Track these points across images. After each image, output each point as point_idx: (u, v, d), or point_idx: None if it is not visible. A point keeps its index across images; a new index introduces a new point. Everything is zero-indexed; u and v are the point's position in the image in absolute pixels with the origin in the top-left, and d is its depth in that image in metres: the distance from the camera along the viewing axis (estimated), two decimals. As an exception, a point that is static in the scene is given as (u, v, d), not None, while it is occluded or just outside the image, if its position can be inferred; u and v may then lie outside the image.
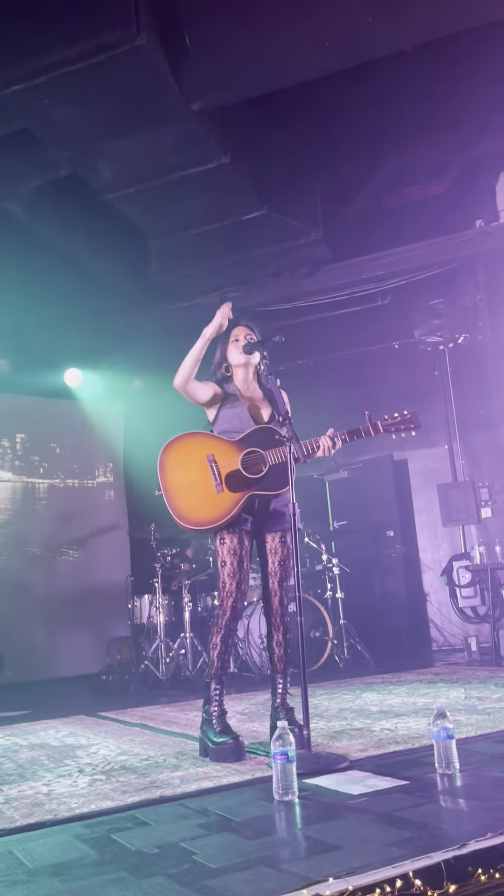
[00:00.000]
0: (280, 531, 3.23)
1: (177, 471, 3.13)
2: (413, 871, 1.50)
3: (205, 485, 3.07)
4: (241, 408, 3.26)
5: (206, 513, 3.05)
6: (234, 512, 3.05)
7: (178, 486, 3.10)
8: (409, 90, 5.65)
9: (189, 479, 3.10)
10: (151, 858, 1.81)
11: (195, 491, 3.07)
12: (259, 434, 3.18)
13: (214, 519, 3.05)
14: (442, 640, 7.65)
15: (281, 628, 3.19)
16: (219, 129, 5.16)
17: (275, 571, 3.22)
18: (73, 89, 4.44)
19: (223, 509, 3.04)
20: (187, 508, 3.06)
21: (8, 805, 2.46)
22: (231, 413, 3.24)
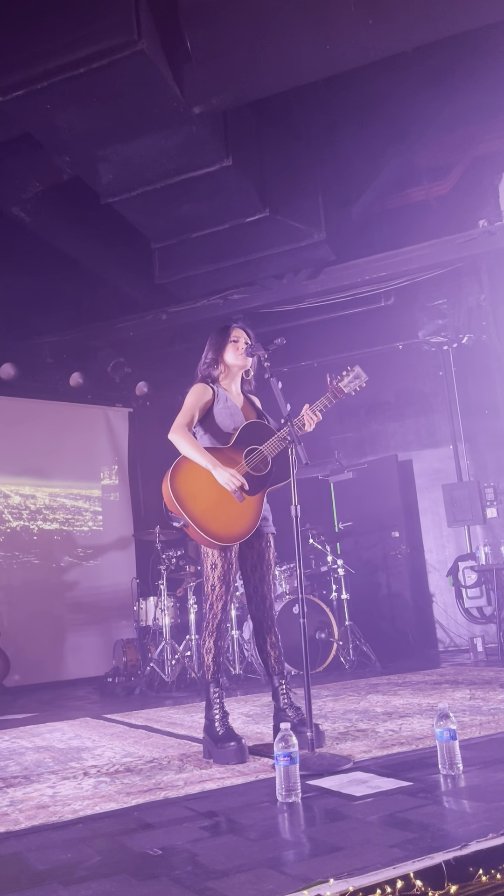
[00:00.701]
0: (266, 532, 3.24)
1: (194, 498, 3.07)
2: (414, 872, 1.50)
3: (226, 500, 3.06)
4: (234, 407, 3.28)
5: (239, 525, 3.06)
6: (261, 511, 3.11)
7: (203, 512, 3.04)
8: (412, 91, 5.66)
9: (209, 501, 3.06)
10: (155, 860, 1.82)
11: (222, 509, 3.06)
12: (250, 430, 3.20)
13: (250, 526, 3.08)
14: (448, 641, 7.63)
15: (273, 630, 3.20)
16: (221, 132, 5.18)
17: (262, 575, 3.23)
18: (75, 94, 4.47)
19: (252, 514, 3.08)
20: (222, 528, 3.04)
21: (13, 807, 2.47)
22: (224, 412, 3.25)
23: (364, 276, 6.92)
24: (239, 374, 3.38)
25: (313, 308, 7.30)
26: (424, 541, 8.00)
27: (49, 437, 8.23)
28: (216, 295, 7.15)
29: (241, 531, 3.06)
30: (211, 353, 3.33)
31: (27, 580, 7.71)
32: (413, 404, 8.20)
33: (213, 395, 3.27)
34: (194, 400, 3.25)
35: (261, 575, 3.23)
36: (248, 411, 3.33)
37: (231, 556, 3.10)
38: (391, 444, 8.24)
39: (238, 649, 6.26)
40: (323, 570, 6.73)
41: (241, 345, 3.31)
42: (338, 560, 6.67)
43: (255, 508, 3.08)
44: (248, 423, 3.22)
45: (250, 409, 3.35)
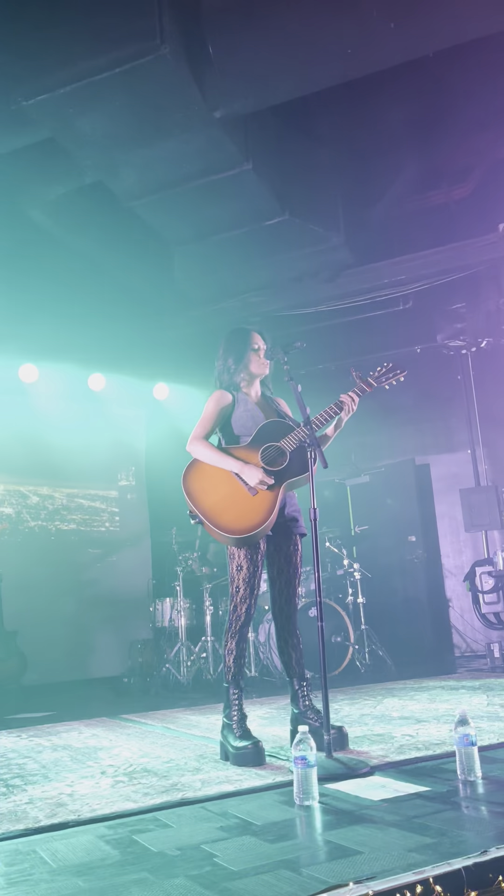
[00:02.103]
0: (294, 535, 3.24)
1: (205, 493, 3.10)
2: (433, 878, 1.51)
3: (238, 494, 3.07)
4: (255, 409, 3.29)
5: (251, 518, 3.03)
6: (277, 507, 3.06)
7: (214, 506, 3.07)
8: (432, 93, 5.65)
9: (220, 495, 3.08)
10: (173, 860, 1.83)
11: (233, 503, 3.06)
12: (267, 429, 3.20)
13: (262, 519, 3.03)
14: (464, 646, 7.59)
15: (295, 633, 3.21)
16: (241, 136, 5.20)
17: (289, 578, 3.23)
18: (98, 99, 4.51)
19: (266, 508, 3.05)
20: (233, 521, 3.04)
21: (32, 805, 2.49)
22: (246, 415, 3.26)
23: (383, 280, 6.91)
24: (258, 378, 3.39)
25: (332, 311, 7.29)
26: (441, 545, 7.97)
27: (68, 438, 8.29)
28: (235, 298, 7.17)
29: (253, 524, 3.02)
30: (232, 361, 3.33)
31: (44, 580, 7.76)
32: (431, 408, 8.17)
33: (234, 401, 3.28)
34: (213, 408, 3.26)
35: (287, 578, 3.23)
36: (268, 412, 3.33)
37: (258, 558, 3.11)
38: (408, 448, 8.21)
39: (254, 651, 6.27)
40: (339, 574, 6.72)
41: (262, 352, 3.32)
42: (354, 564, 6.66)
43: (269, 503, 3.06)
44: (267, 422, 3.23)
45: (271, 411, 3.35)
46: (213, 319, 7.30)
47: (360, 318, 7.45)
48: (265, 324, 7.23)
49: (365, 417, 8.14)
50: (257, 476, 3.04)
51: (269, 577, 3.27)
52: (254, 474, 3.05)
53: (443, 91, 5.65)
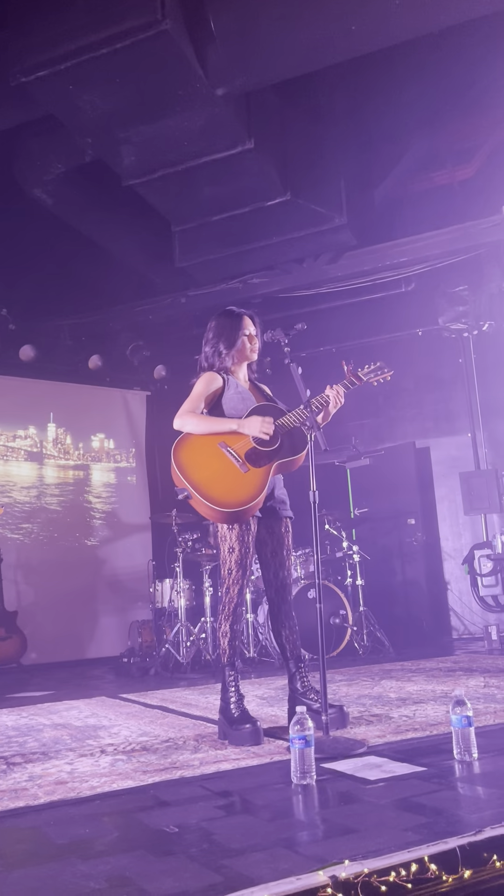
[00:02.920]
0: (284, 518, 3.25)
1: (195, 468, 3.09)
2: (428, 856, 1.52)
3: (229, 469, 3.06)
4: (245, 392, 3.28)
5: (240, 493, 3.01)
6: (268, 484, 3.05)
7: (204, 480, 3.06)
8: (437, 72, 5.58)
9: (211, 470, 3.08)
10: (171, 837, 1.85)
11: (222, 477, 3.05)
12: (259, 411, 3.19)
13: (252, 495, 3.01)
14: (462, 629, 7.63)
15: (290, 614, 3.22)
16: (243, 115, 5.14)
17: (282, 560, 3.23)
18: (98, 75, 4.45)
19: (256, 485, 3.04)
20: (222, 494, 3.02)
21: (32, 782, 2.52)
22: (237, 397, 3.25)
23: (385, 262, 6.86)
24: (246, 363, 3.38)
25: (333, 293, 7.25)
26: (440, 528, 7.98)
27: (67, 419, 8.29)
28: (236, 279, 7.13)
29: (242, 499, 3.00)
30: (223, 345, 3.29)
31: (44, 560, 7.80)
32: (432, 391, 8.15)
33: (224, 383, 3.27)
34: (203, 388, 3.24)
35: (280, 560, 3.24)
36: (257, 397, 3.33)
37: (248, 539, 3.11)
38: (409, 432, 8.21)
39: (252, 632, 6.30)
40: (338, 556, 6.74)
41: (254, 340, 3.31)
42: (353, 546, 6.68)
43: (259, 480, 3.05)
44: (259, 405, 3.23)
45: (259, 395, 3.35)
46: (214, 300, 7.26)
47: (361, 301, 7.41)
48: (266, 305, 7.21)
49: (365, 400, 8.20)
50: (259, 422, 3.03)
51: (262, 560, 3.28)
52: (254, 424, 3.05)
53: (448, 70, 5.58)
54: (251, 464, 3.07)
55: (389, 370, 3.37)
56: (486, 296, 7.31)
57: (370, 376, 3.34)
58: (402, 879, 1.46)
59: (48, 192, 5.95)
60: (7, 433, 7.90)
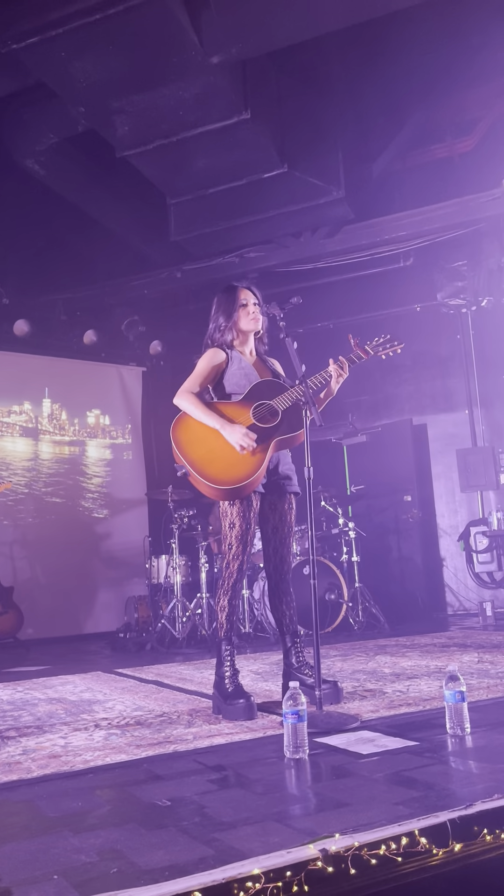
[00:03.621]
0: (289, 494, 3.23)
1: (193, 445, 3.08)
2: (419, 830, 1.52)
3: (227, 447, 3.04)
4: (249, 367, 3.25)
5: (238, 470, 3.00)
6: (265, 462, 3.03)
7: (202, 457, 3.05)
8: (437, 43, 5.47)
9: (209, 447, 3.06)
10: (163, 811, 1.86)
11: (220, 455, 3.04)
12: (261, 388, 3.16)
13: (250, 472, 3.00)
14: (457, 605, 7.67)
15: (289, 590, 3.22)
16: (240, 84, 5.05)
17: (284, 537, 3.22)
18: (91, 42, 4.36)
19: (254, 462, 3.02)
20: (220, 472, 3.01)
21: (26, 756, 2.52)
22: (239, 373, 3.22)
23: (383, 236, 6.79)
24: (251, 335, 3.34)
25: (330, 268, 7.18)
26: (437, 505, 8.00)
27: (62, 395, 8.24)
28: (232, 253, 7.05)
29: (240, 476, 2.99)
30: (223, 319, 3.26)
31: (41, 536, 7.80)
32: (429, 368, 8.11)
33: (227, 358, 3.24)
34: (206, 364, 3.22)
35: (281, 537, 3.23)
36: (263, 372, 3.29)
37: (250, 516, 3.10)
38: (406, 408, 8.18)
39: (248, 608, 6.33)
40: (334, 533, 6.75)
41: (251, 307, 3.26)
42: (349, 523, 6.68)
43: (257, 458, 3.02)
44: (261, 381, 3.19)
45: (265, 370, 3.31)
46: (210, 274, 7.19)
47: (359, 276, 7.34)
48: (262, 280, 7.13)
49: (363, 377, 8.16)
50: (238, 435, 3.01)
51: (264, 536, 3.27)
52: (235, 435, 3.01)
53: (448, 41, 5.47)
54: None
55: (399, 342, 3.31)
56: (485, 271, 7.24)
57: (379, 349, 3.29)
58: (393, 853, 1.46)
59: (41, 163, 5.85)
60: (2, 409, 7.86)
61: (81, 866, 1.51)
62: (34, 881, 1.44)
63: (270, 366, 3.36)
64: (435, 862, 1.49)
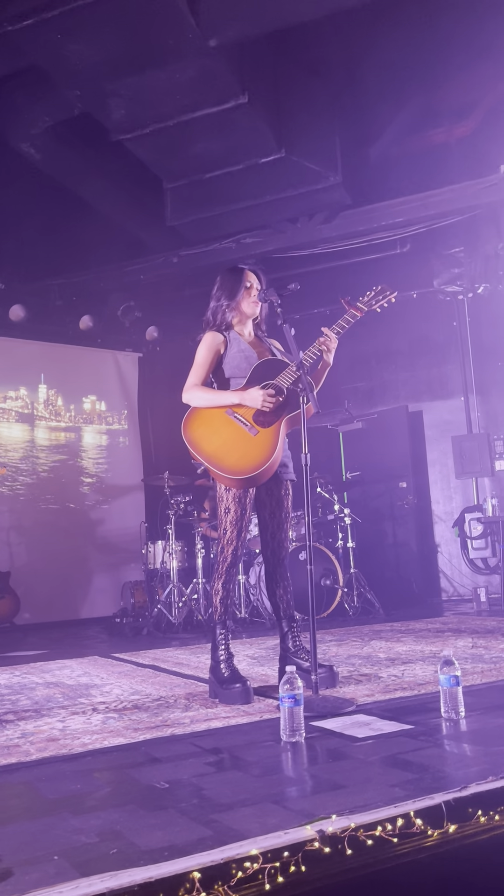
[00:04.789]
0: (285, 480, 3.24)
1: (207, 439, 3.09)
2: (414, 811, 1.55)
3: (239, 435, 3.05)
4: (249, 349, 3.25)
5: (254, 456, 3.01)
6: (279, 442, 3.05)
7: (217, 450, 3.06)
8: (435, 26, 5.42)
9: (222, 439, 3.07)
10: (162, 793, 1.88)
11: (234, 445, 3.04)
12: (263, 368, 3.17)
13: (266, 457, 3.01)
14: (452, 591, 7.72)
15: (286, 575, 3.24)
16: (237, 67, 5.00)
17: (280, 522, 3.24)
18: (86, 23, 4.31)
19: (269, 446, 3.03)
20: (237, 462, 3.02)
21: (24, 739, 2.54)
22: (239, 356, 3.22)
23: (380, 222, 6.76)
24: (251, 319, 3.34)
25: (327, 254, 7.15)
26: (432, 492, 8.03)
27: (58, 380, 8.22)
28: (228, 238, 7.01)
29: (257, 463, 3.00)
30: (225, 299, 3.26)
31: (38, 521, 7.81)
32: (425, 354, 8.11)
33: (226, 341, 3.23)
34: (205, 352, 3.21)
35: (278, 522, 3.25)
36: (262, 352, 3.28)
37: (246, 501, 3.11)
38: (402, 395, 8.19)
39: (244, 593, 6.36)
40: (330, 519, 6.78)
41: (255, 291, 3.25)
42: (345, 509, 6.71)
43: (270, 442, 3.04)
44: (262, 361, 3.19)
45: (265, 350, 3.31)
46: (206, 260, 7.15)
47: (356, 262, 7.31)
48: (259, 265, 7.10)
49: (359, 363, 8.16)
50: (259, 395, 3.02)
51: (261, 521, 3.28)
52: (256, 395, 3.03)
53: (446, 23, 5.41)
54: (260, 425, 3.07)
55: (392, 291, 3.29)
56: (481, 258, 7.23)
57: (372, 304, 3.28)
58: (389, 834, 1.49)
59: (35, 147, 5.80)
60: (-3, 394, 7.84)
61: (81, 847, 1.53)
62: (35, 861, 1.46)
63: (270, 345, 3.35)
64: (430, 843, 1.51)
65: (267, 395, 3.03)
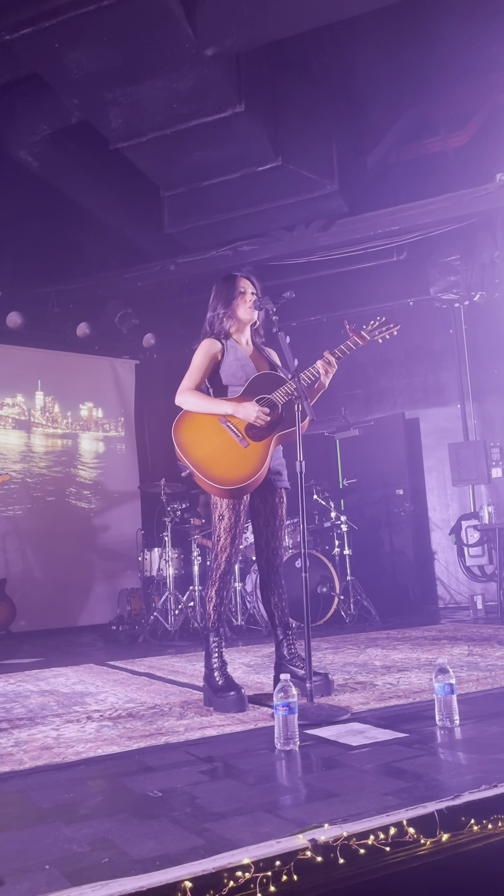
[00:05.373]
0: (279, 488, 3.24)
1: (196, 445, 3.08)
2: (407, 820, 1.54)
3: (230, 445, 3.05)
4: (245, 358, 3.25)
5: (241, 469, 3.01)
6: (268, 459, 3.04)
7: (205, 457, 3.05)
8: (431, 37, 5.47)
9: (212, 446, 3.06)
10: (155, 801, 1.87)
11: (224, 454, 3.04)
12: (260, 381, 3.17)
13: (253, 470, 3.00)
14: (448, 598, 7.72)
15: (280, 583, 3.24)
16: (234, 77, 5.03)
17: (275, 530, 3.24)
18: (85, 33, 4.34)
19: (257, 460, 3.03)
20: (224, 472, 3.01)
21: (18, 748, 2.53)
22: (236, 364, 3.22)
23: (377, 230, 6.79)
24: (248, 325, 3.34)
25: (324, 261, 7.18)
26: (428, 499, 8.03)
27: (55, 387, 8.23)
28: (226, 246, 7.04)
29: (244, 475, 3.00)
30: (221, 307, 3.26)
31: (33, 529, 7.80)
32: (422, 362, 8.13)
33: (223, 349, 3.23)
34: (202, 358, 3.21)
35: (272, 530, 3.24)
36: (259, 362, 3.29)
37: (240, 508, 3.11)
38: (398, 402, 8.20)
39: (240, 601, 6.35)
40: (326, 526, 6.77)
41: (249, 296, 3.26)
42: (341, 516, 6.71)
43: (260, 454, 3.04)
44: (259, 375, 3.20)
45: (262, 361, 3.31)
46: (203, 267, 7.17)
47: (352, 270, 7.34)
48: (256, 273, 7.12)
49: (356, 371, 8.17)
50: (254, 410, 3.02)
51: (255, 529, 3.28)
52: (250, 410, 3.02)
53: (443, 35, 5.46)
54: (251, 437, 3.06)
55: (395, 324, 3.29)
56: (478, 266, 7.26)
57: (375, 334, 3.28)
58: (381, 843, 1.48)
59: (34, 155, 5.83)
60: (-6, 401, 7.84)
61: (73, 856, 1.52)
62: (26, 871, 1.46)
63: (267, 356, 3.35)
64: (423, 852, 1.51)
65: (261, 412, 3.03)
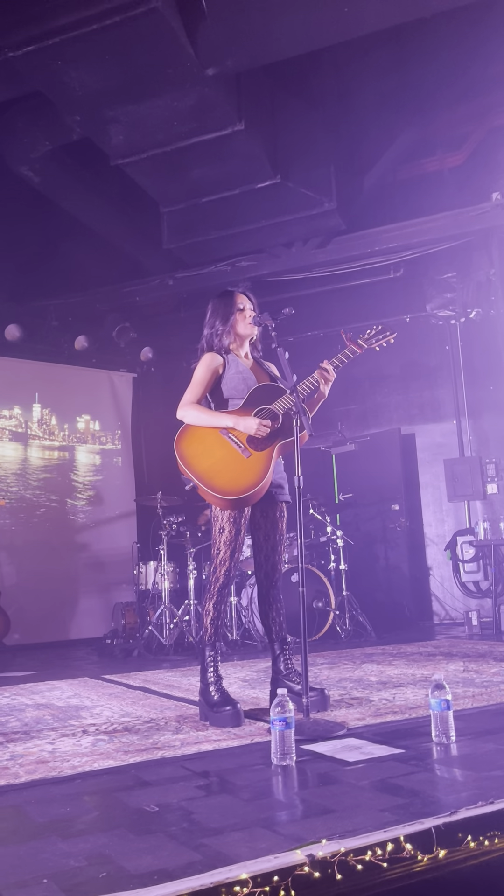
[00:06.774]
0: (280, 502, 3.25)
1: (199, 457, 3.09)
2: (404, 836, 1.55)
3: (232, 456, 3.06)
4: (247, 371, 3.27)
5: (245, 479, 3.02)
6: (271, 468, 3.05)
7: (208, 469, 3.06)
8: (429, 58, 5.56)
9: (214, 458, 3.08)
10: (151, 816, 1.87)
11: (226, 465, 3.05)
12: (260, 392, 3.19)
13: (256, 480, 3.01)
14: (443, 614, 7.72)
15: (278, 597, 3.24)
16: (234, 96, 5.10)
17: (275, 544, 3.24)
18: (87, 51, 4.40)
19: (260, 469, 3.04)
20: (227, 482, 3.02)
21: (13, 762, 2.53)
22: (237, 377, 3.24)
23: (374, 247, 6.86)
24: (247, 340, 3.37)
25: (321, 278, 7.24)
26: (424, 515, 8.05)
27: (53, 400, 8.24)
28: (224, 262, 7.09)
29: (248, 485, 3.01)
30: (220, 324, 3.29)
31: (29, 541, 7.78)
32: (418, 378, 8.18)
33: (224, 363, 3.26)
34: (203, 371, 3.23)
35: (272, 544, 3.25)
36: (260, 375, 3.31)
37: (241, 522, 3.11)
38: (394, 418, 8.24)
39: (236, 615, 6.34)
40: (322, 541, 6.78)
41: (248, 312, 3.29)
42: (337, 531, 6.71)
43: (262, 464, 3.05)
44: (259, 386, 3.22)
45: (262, 373, 3.33)
46: (201, 283, 7.23)
47: (350, 286, 7.41)
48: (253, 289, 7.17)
49: (352, 386, 8.21)
50: (254, 423, 3.03)
51: (255, 543, 3.29)
52: (251, 423, 3.04)
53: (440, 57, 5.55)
54: (253, 447, 3.08)
55: (392, 332, 3.33)
56: (474, 283, 7.33)
57: (371, 341, 3.31)
58: (378, 858, 1.49)
59: (35, 170, 5.88)
60: (-8, 413, 7.85)
61: (70, 871, 1.52)
62: (23, 885, 1.45)
63: (267, 368, 3.37)
64: (419, 868, 1.51)
65: (262, 425, 3.05)
